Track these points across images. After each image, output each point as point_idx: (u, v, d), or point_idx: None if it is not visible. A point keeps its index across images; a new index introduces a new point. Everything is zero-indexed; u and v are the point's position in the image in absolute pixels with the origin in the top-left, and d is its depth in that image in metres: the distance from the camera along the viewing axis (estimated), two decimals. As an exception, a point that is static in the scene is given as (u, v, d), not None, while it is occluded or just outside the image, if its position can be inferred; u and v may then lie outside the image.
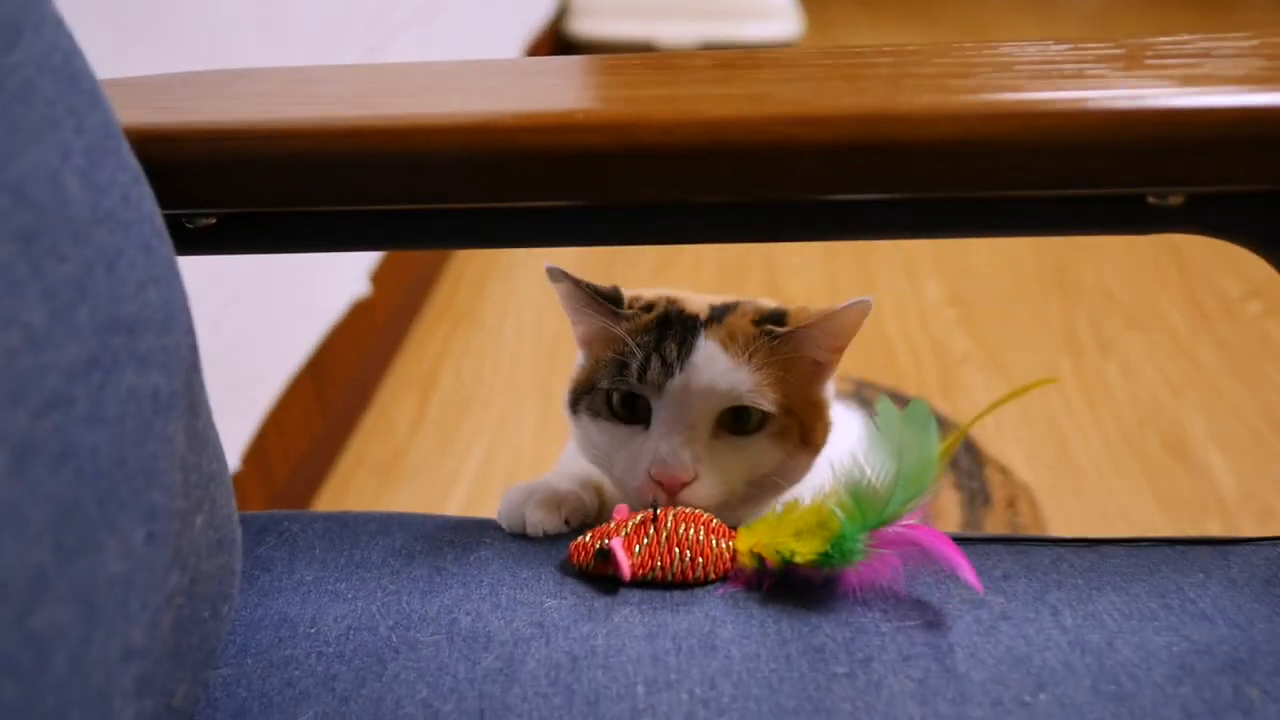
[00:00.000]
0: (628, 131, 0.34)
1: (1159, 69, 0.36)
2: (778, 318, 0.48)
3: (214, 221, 0.40)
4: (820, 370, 0.49)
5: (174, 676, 0.32)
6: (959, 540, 0.43)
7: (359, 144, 0.35)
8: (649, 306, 0.49)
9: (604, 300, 0.48)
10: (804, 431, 0.47)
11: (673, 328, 0.47)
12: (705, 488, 0.45)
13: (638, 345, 0.46)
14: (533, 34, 2.33)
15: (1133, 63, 0.37)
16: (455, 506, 1.22)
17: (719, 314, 0.48)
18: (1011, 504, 0.72)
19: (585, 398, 0.49)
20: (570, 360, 0.52)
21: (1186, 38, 0.39)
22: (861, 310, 0.45)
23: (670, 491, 0.45)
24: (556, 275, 0.48)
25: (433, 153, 0.35)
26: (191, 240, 0.40)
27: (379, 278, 1.35)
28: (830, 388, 0.50)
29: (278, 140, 0.36)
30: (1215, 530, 1.13)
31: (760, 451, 0.47)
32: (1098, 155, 0.34)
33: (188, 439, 0.33)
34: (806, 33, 2.78)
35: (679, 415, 0.45)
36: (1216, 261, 1.69)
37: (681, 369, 0.45)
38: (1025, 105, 0.34)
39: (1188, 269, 1.69)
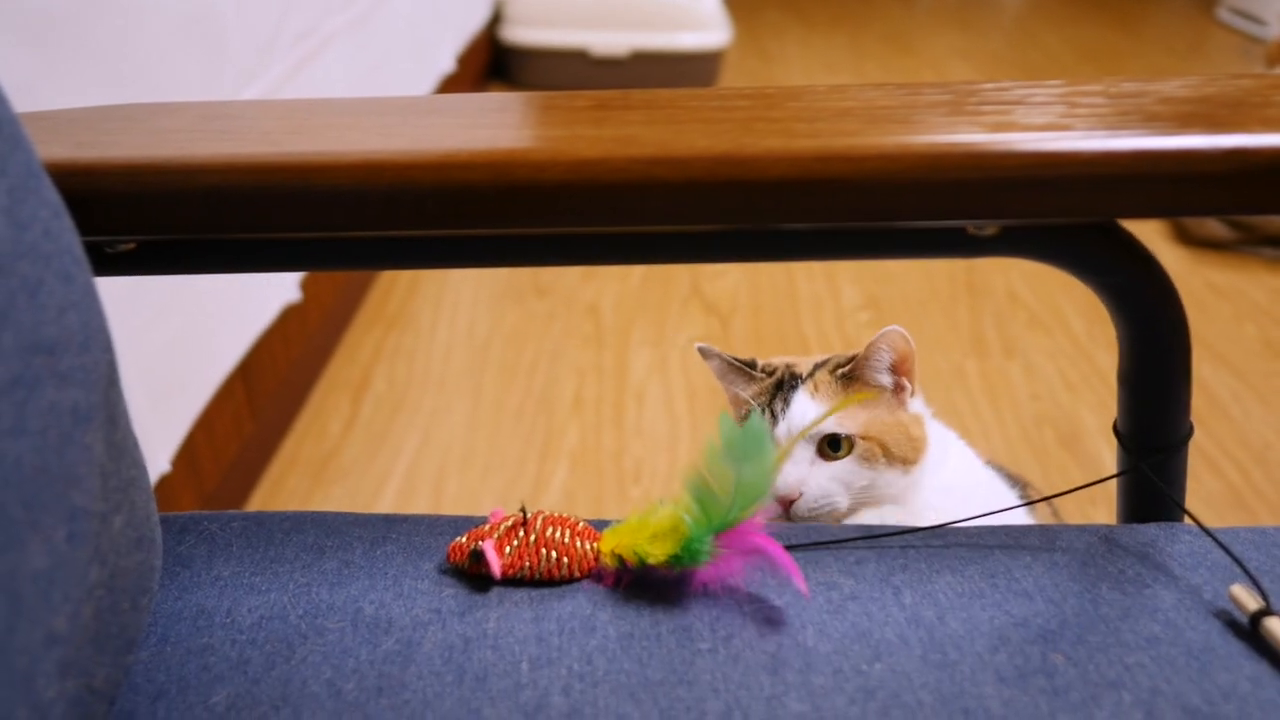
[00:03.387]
0: (505, 170, 0.38)
1: (974, 115, 0.41)
2: (848, 363, 0.63)
3: (133, 247, 0.43)
4: (894, 395, 0.63)
5: (95, 661, 0.36)
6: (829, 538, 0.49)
7: (264, 179, 0.39)
8: (771, 372, 0.65)
9: (742, 368, 0.65)
10: (885, 449, 0.61)
11: (783, 387, 0.63)
12: (810, 502, 0.60)
13: (756, 403, 0.63)
14: (466, 42, 2.35)
15: (955, 108, 0.42)
16: (385, 505, 1.25)
17: (813, 370, 0.64)
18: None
19: None
20: (500, 360, 0.57)
21: (1009, 84, 0.45)
22: (891, 335, 0.61)
23: (784, 506, 0.60)
24: (708, 354, 0.66)
25: (331, 188, 0.38)
26: (111, 263, 0.43)
27: (309, 284, 1.37)
28: (916, 409, 0.64)
29: (190, 175, 0.39)
30: (1100, 518, 1.21)
31: (849, 469, 0.61)
32: (917, 192, 0.39)
33: (106, 447, 0.36)
34: (736, 41, 2.85)
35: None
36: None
37: (784, 416, 0.61)
38: (854, 149, 0.38)
39: (1091, 273, 1.79)
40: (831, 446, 0.61)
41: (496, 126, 0.43)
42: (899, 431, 0.62)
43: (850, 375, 0.63)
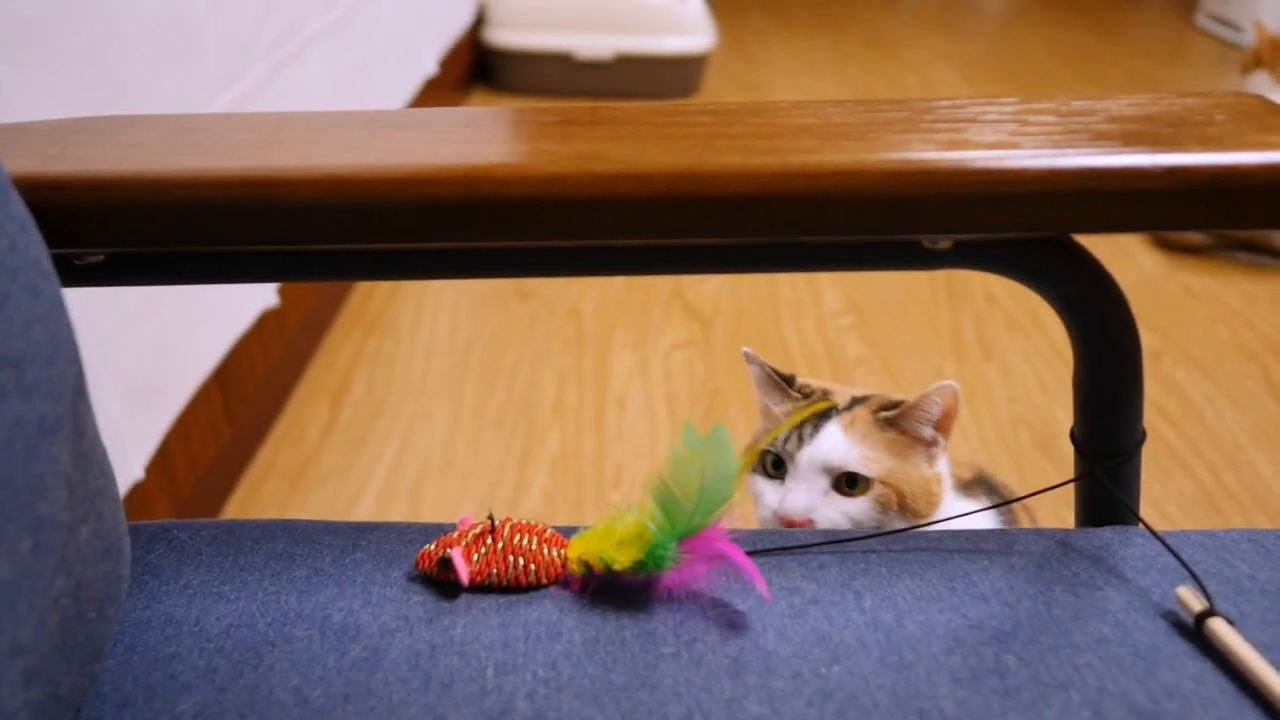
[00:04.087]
0: (471, 185, 0.39)
1: (929, 133, 0.42)
2: (891, 406, 0.63)
3: (102, 259, 0.44)
4: (926, 449, 0.63)
5: (61, 670, 0.36)
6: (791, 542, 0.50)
7: (232, 194, 0.39)
8: (808, 394, 0.65)
9: (779, 382, 0.65)
10: (901, 499, 0.61)
11: (816, 413, 0.63)
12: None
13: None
14: (449, 45, 2.35)
15: (910, 126, 0.43)
16: (363, 512, 1.25)
17: (852, 404, 0.64)
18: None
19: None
20: (481, 364, 0.58)
21: (963, 101, 0.46)
22: (945, 390, 0.61)
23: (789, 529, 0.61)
24: (751, 359, 0.67)
25: (299, 202, 0.39)
26: (80, 275, 0.44)
27: (287, 289, 1.37)
28: (941, 468, 0.64)
29: (159, 189, 0.40)
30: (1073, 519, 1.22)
31: (862, 509, 0.61)
32: (872, 208, 0.40)
33: (73, 458, 0.37)
34: (720, 45, 2.86)
35: (803, 476, 0.62)
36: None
37: (811, 443, 0.61)
38: (811, 165, 0.39)
39: (1067, 277, 1.81)
40: (849, 484, 0.61)
41: (463, 141, 0.43)
42: (919, 485, 0.62)
43: (892, 421, 0.62)
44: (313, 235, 0.41)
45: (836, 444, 0.61)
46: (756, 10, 3.80)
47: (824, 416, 0.63)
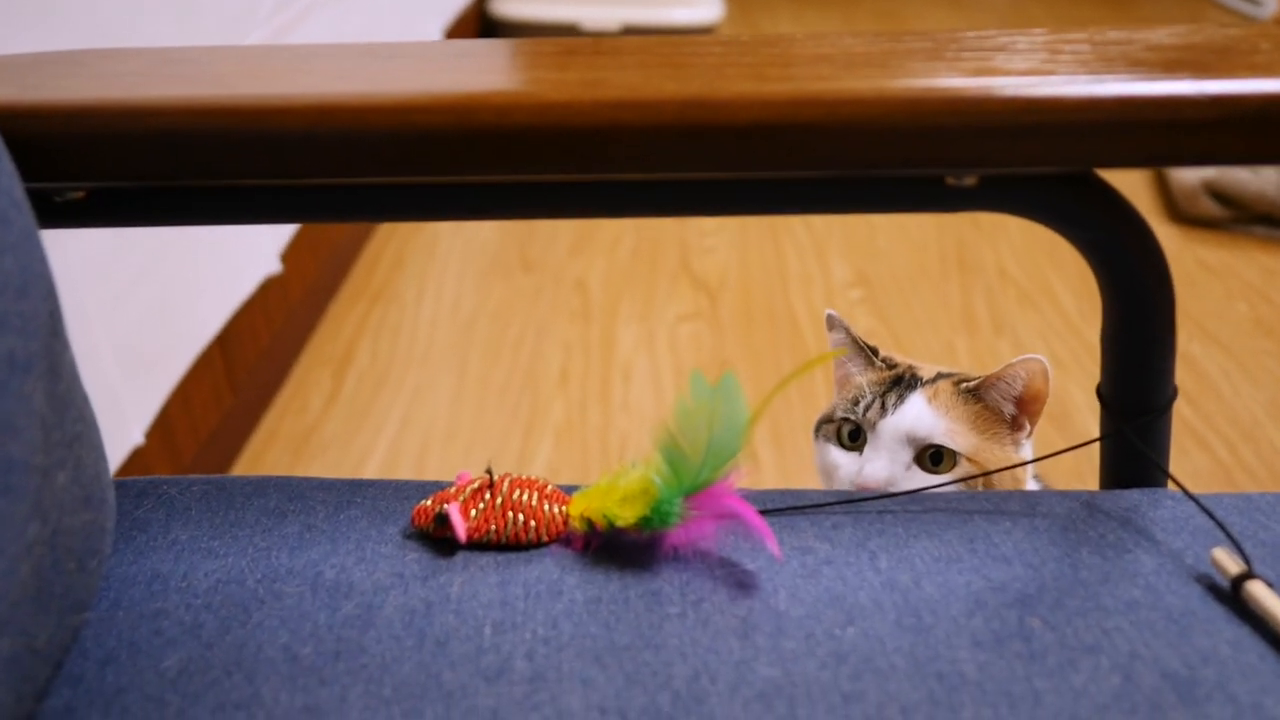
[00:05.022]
0: (467, 113, 0.37)
1: (954, 61, 0.40)
2: (975, 379, 0.61)
3: (83, 195, 0.42)
4: (1010, 427, 0.60)
5: (36, 621, 0.34)
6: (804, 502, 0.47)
7: (215, 122, 0.37)
8: (893, 366, 0.63)
9: (865, 350, 0.63)
10: (987, 481, 0.58)
11: (901, 383, 0.61)
12: None
13: (870, 391, 0.61)
14: (455, 16, 2.32)
15: (934, 55, 0.41)
16: (367, 482, 1.23)
17: (936, 377, 0.61)
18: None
19: (826, 425, 0.63)
20: (486, 335, 0.56)
21: (990, 32, 0.43)
22: (1031, 364, 0.58)
23: None
24: (834, 324, 0.64)
25: (285, 131, 0.37)
26: (61, 213, 0.42)
27: (290, 256, 1.35)
28: (1026, 453, 0.62)
29: (137, 118, 0.37)
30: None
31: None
32: (894, 138, 0.37)
33: (48, 399, 0.35)
34: (728, 17, 2.82)
35: (885, 446, 0.59)
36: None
37: (894, 411, 0.59)
38: (829, 93, 0.37)
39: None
40: (934, 460, 0.59)
41: (458, 71, 0.41)
42: (1007, 466, 0.59)
43: (973, 392, 0.60)
44: (302, 168, 0.38)
45: (921, 414, 0.58)
46: (766, -16, 3.75)
47: (909, 388, 0.60)
